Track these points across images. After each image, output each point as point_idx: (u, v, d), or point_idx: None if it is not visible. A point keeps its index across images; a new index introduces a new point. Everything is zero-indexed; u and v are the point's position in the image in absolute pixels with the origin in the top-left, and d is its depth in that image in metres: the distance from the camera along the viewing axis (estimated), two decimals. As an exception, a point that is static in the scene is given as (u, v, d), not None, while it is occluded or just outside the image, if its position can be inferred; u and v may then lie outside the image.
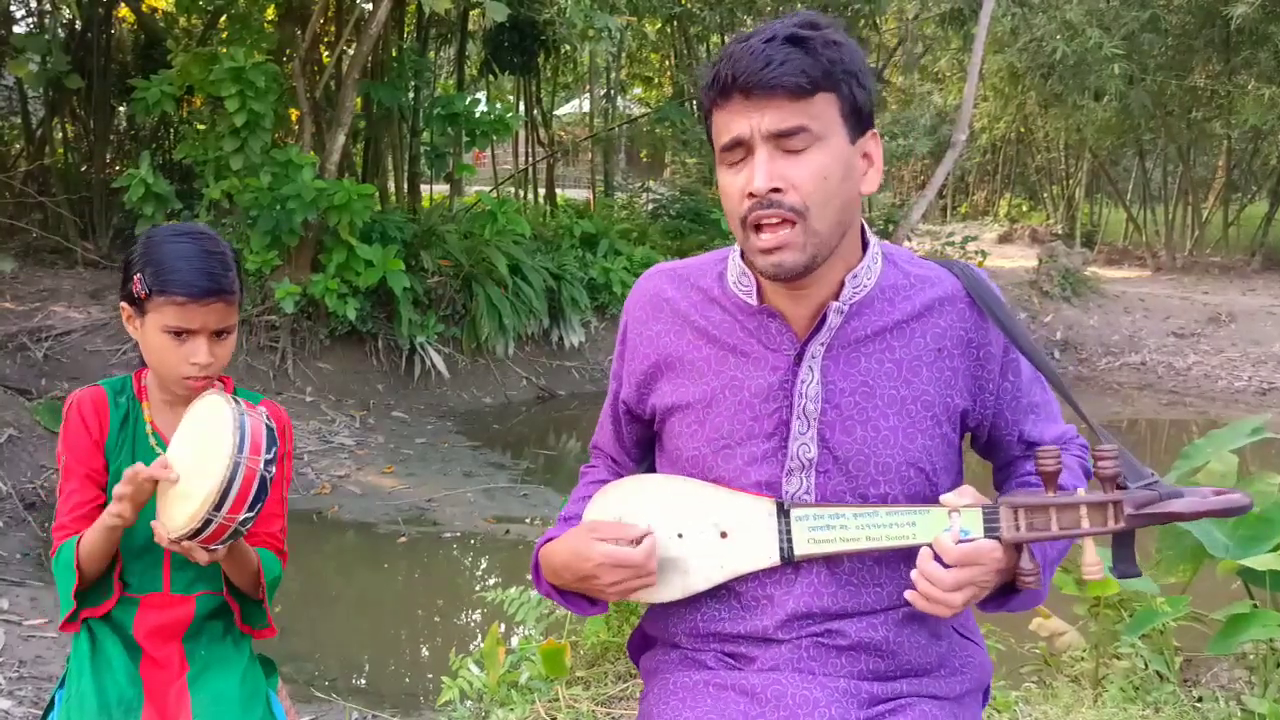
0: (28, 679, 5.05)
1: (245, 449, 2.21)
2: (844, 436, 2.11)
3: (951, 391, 2.15)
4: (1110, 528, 1.97)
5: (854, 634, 2.12)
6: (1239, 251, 21.78)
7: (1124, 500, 1.95)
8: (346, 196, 10.41)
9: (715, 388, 2.18)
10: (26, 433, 8.18)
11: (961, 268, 2.21)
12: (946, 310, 2.16)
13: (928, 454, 2.13)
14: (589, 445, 2.54)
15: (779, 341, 2.14)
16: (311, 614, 6.60)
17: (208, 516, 2.20)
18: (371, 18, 11.31)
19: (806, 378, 2.12)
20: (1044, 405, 2.26)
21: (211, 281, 2.41)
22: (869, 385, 2.12)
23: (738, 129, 1.97)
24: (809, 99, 1.94)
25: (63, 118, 14.65)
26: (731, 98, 1.97)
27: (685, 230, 16.56)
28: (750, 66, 1.92)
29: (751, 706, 2.07)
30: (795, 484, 2.13)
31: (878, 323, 2.13)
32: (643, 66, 23.83)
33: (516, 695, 4.30)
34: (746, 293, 2.17)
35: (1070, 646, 4.85)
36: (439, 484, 9.19)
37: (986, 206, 30.59)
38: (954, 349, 2.15)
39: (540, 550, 2.29)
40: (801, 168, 1.96)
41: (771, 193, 1.95)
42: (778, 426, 2.13)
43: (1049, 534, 1.98)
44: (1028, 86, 21.16)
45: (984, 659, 2.30)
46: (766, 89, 1.92)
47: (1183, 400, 14.06)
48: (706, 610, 2.22)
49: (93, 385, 2.60)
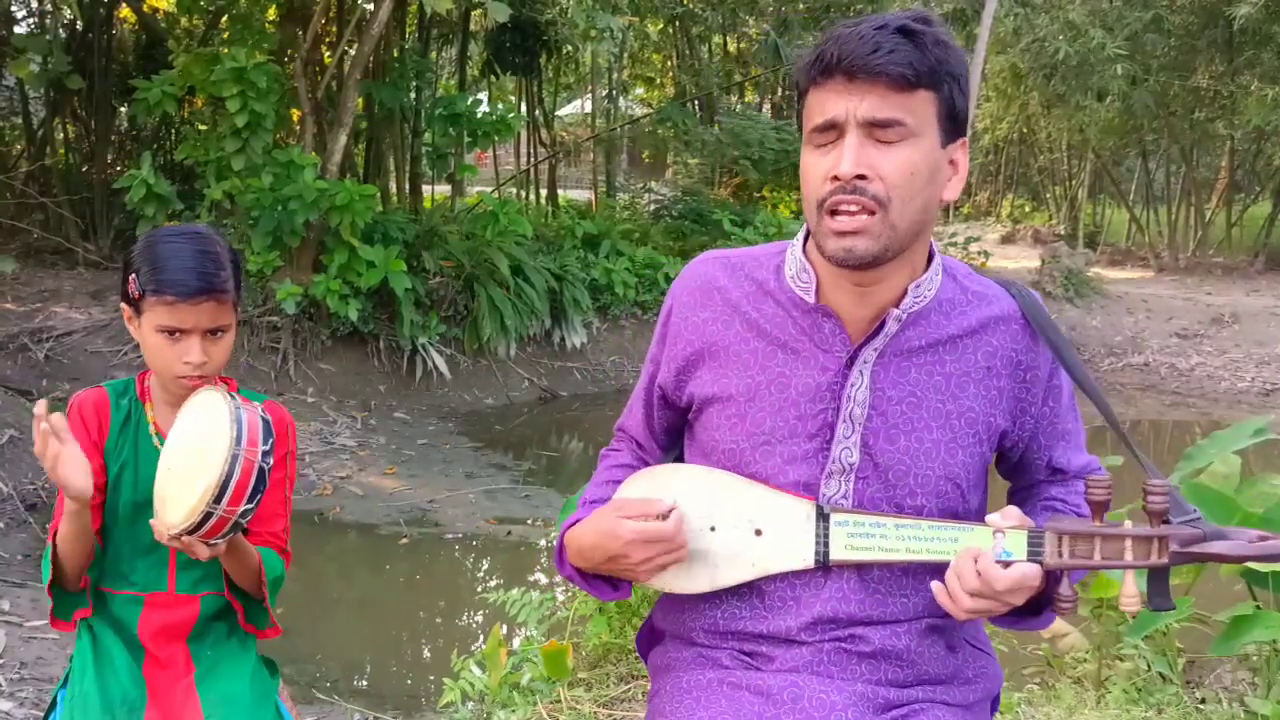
0: (28, 680, 5.05)
1: (243, 441, 2.21)
2: (887, 445, 2.10)
3: (995, 411, 2.14)
4: (1153, 562, 1.95)
5: (877, 641, 2.11)
6: (1242, 252, 21.79)
7: (1170, 536, 1.94)
8: (348, 197, 10.40)
9: (761, 382, 2.15)
10: (28, 434, 8.15)
11: (1019, 289, 2.20)
12: (1000, 330, 2.14)
13: (965, 470, 2.13)
14: (614, 427, 2.50)
15: (832, 342, 2.12)
16: (313, 615, 6.60)
17: (207, 510, 2.20)
18: (373, 18, 11.30)
19: (856, 381, 2.10)
20: (1075, 433, 2.26)
21: (202, 281, 2.41)
22: (916, 396, 2.11)
23: (833, 110, 1.94)
24: (910, 93, 1.92)
25: (64, 118, 14.64)
26: (833, 78, 1.93)
27: (687, 231, 16.56)
28: (858, 50, 1.89)
29: (767, 707, 2.06)
30: (834, 487, 2.11)
31: (932, 335, 2.12)
32: (645, 67, 23.85)
33: (518, 697, 4.30)
34: (804, 289, 2.14)
35: (1073, 648, 4.85)
36: (441, 485, 9.18)
37: (989, 207, 30.59)
38: (1003, 369, 2.14)
39: (566, 533, 2.27)
40: (890, 159, 1.93)
41: (857, 179, 1.92)
42: (821, 428, 2.11)
43: (1091, 563, 1.97)
44: (1030, 87, 21.16)
45: (995, 670, 2.30)
46: (870, 74, 1.90)
47: (1186, 401, 14.06)
48: (728, 608, 2.20)
49: (96, 387, 2.61)
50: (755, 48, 19.63)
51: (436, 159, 13.67)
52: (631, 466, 2.37)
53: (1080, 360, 2.18)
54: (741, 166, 17.62)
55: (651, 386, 2.37)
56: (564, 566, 2.30)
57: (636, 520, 2.10)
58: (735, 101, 22.01)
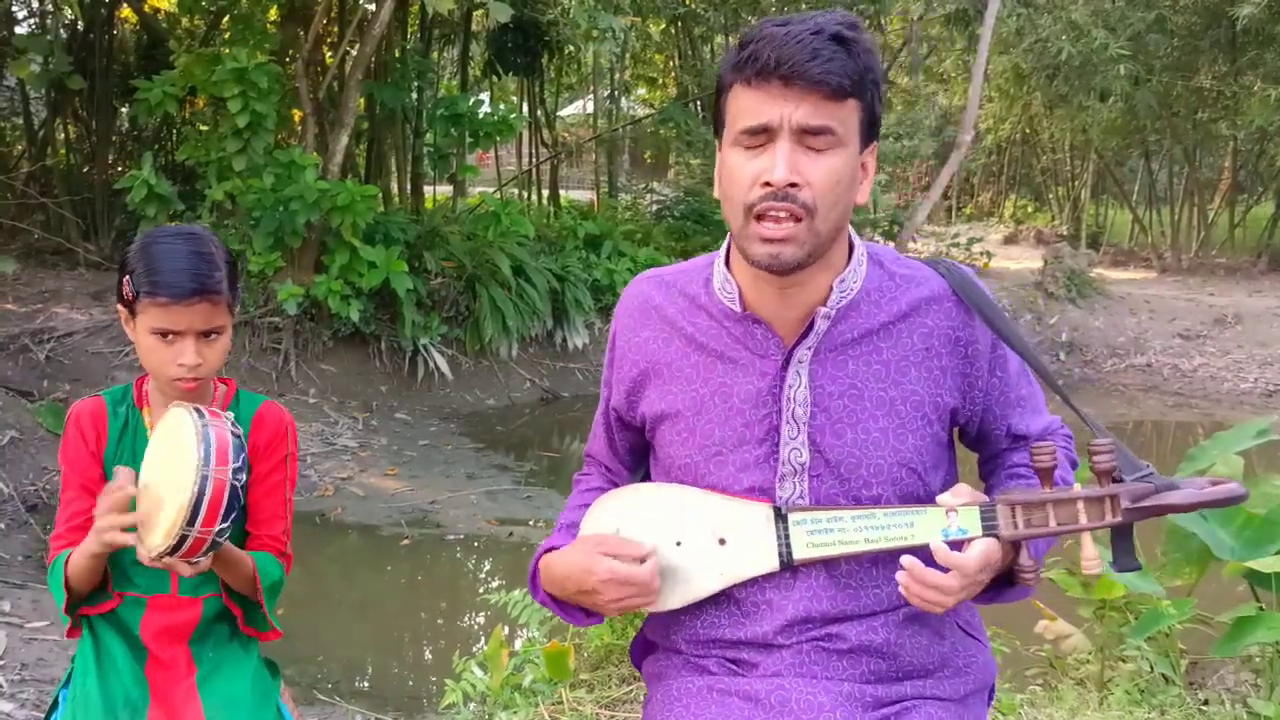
0: (29, 681, 5.04)
1: (211, 461, 2.18)
2: (834, 440, 2.11)
3: (941, 390, 2.15)
4: (1108, 522, 1.97)
5: (854, 637, 2.12)
6: (1245, 253, 21.76)
7: (1120, 494, 1.96)
8: (349, 197, 10.40)
9: (704, 394, 2.18)
10: (28, 434, 8.17)
11: (947, 266, 2.21)
12: (933, 309, 2.15)
13: (919, 453, 2.13)
14: (584, 453, 2.53)
15: (765, 347, 2.14)
16: (314, 616, 6.59)
17: (182, 532, 2.18)
18: (374, 18, 11.30)
19: (794, 382, 2.12)
20: (1030, 398, 2.27)
21: (195, 282, 2.38)
22: (857, 388, 2.12)
23: (768, 115, 1.94)
24: (841, 102, 1.94)
25: (65, 119, 14.65)
26: (769, 81, 1.93)
27: (689, 231, 16.54)
28: (797, 56, 1.90)
29: (756, 712, 2.06)
30: (789, 489, 2.13)
31: (864, 325, 2.13)
32: (647, 67, 23.81)
33: (520, 698, 4.30)
34: (730, 299, 2.17)
35: (1075, 649, 4.84)
36: (442, 486, 9.17)
37: (991, 208, 30.59)
38: (941, 348, 2.15)
39: (540, 560, 2.28)
40: (819, 167, 1.95)
41: (789, 186, 1.94)
42: (768, 432, 2.13)
43: (1047, 530, 1.99)
44: (1033, 87, 21.13)
45: (987, 658, 2.29)
46: (808, 82, 1.91)
47: (1188, 402, 14.04)
48: (706, 617, 2.21)
49: (94, 396, 2.59)
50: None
51: (438, 159, 13.66)
52: (602, 489, 2.40)
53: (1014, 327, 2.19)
54: (744, 167, 17.57)
55: (608, 410, 2.41)
56: (537, 592, 2.31)
57: (613, 560, 2.11)
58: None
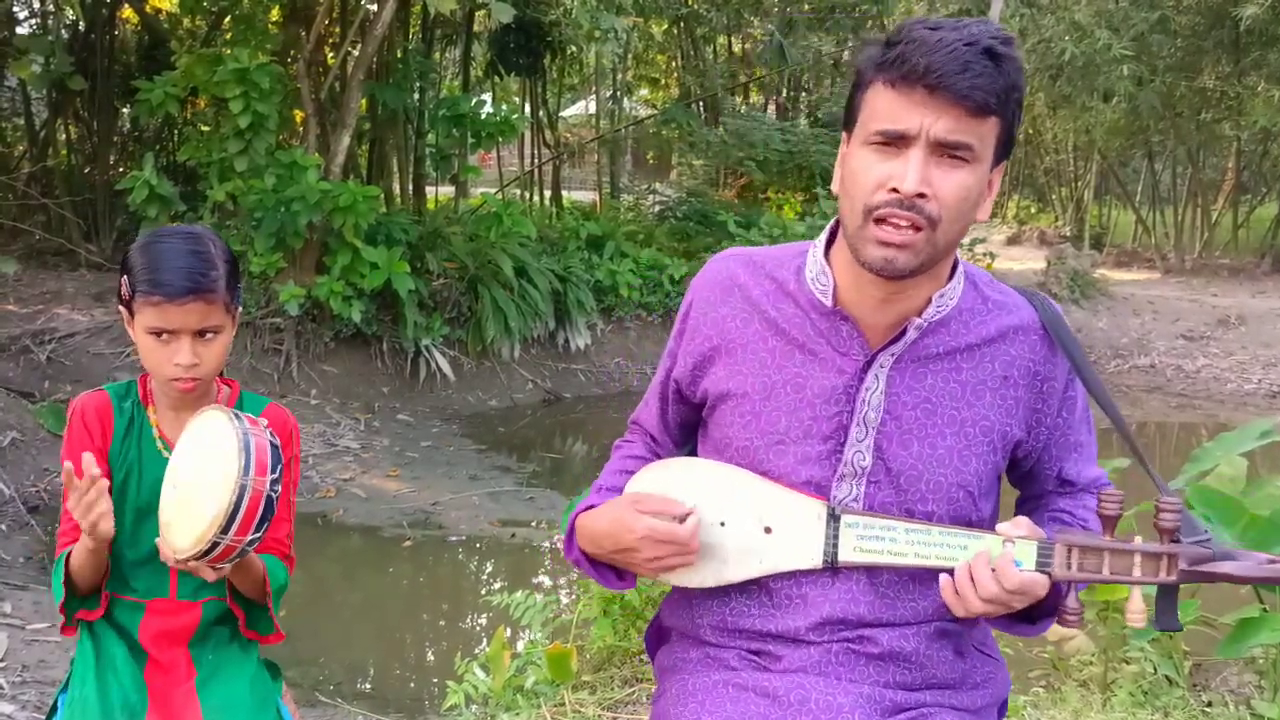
0: (30, 683, 5.04)
1: (251, 470, 2.18)
2: (900, 450, 2.10)
3: (1011, 421, 2.14)
4: (1161, 579, 1.95)
5: (886, 642, 2.11)
6: (1248, 253, 21.77)
7: (1179, 554, 1.93)
8: (351, 198, 10.39)
9: (777, 381, 2.15)
10: (30, 436, 8.16)
11: (1040, 300, 2.19)
12: (1019, 340, 2.14)
13: (978, 478, 2.12)
14: (629, 420, 2.49)
15: (849, 346, 2.12)
16: (316, 618, 6.58)
17: (215, 539, 2.18)
18: (376, 19, 11.29)
19: (872, 386, 2.10)
20: (1087, 445, 2.25)
21: (189, 281, 2.37)
22: (931, 403, 2.11)
23: (907, 122, 1.89)
24: (984, 119, 1.90)
25: (66, 119, 14.63)
26: (914, 87, 1.88)
27: (692, 232, 16.53)
28: (947, 66, 1.85)
29: (773, 709, 2.05)
30: (845, 490, 2.11)
31: (950, 343, 2.12)
32: (649, 68, 23.85)
33: (522, 700, 4.29)
34: (823, 292, 2.13)
35: (1079, 650, 4.83)
36: (444, 487, 9.16)
37: (995, 208, 30.33)
38: (1020, 379, 2.14)
39: (577, 517, 2.27)
40: (950, 181, 1.91)
41: (916, 197, 1.90)
42: (835, 430, 2.11)
43: (1099, 577, 1.97)
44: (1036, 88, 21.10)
45: (1003, 675, 2.31)
46: (956, 95, 1.86)
47: (1192, 403, 14.03)
48: (736, 604, 2.20)
49: (97, 390, 2.58)
50: (760, 49, 19.60)
51: (440, 160, 13.66)
52: (644, 459, 2.37)
53: (1096, 374, 2.17)
54: (746, 167, 17.63)
55: (667, 380, 2.36)
56: (571, 550, 2.29)
57: (653, 517, 2.10)
58: (740, 102, 22.00)
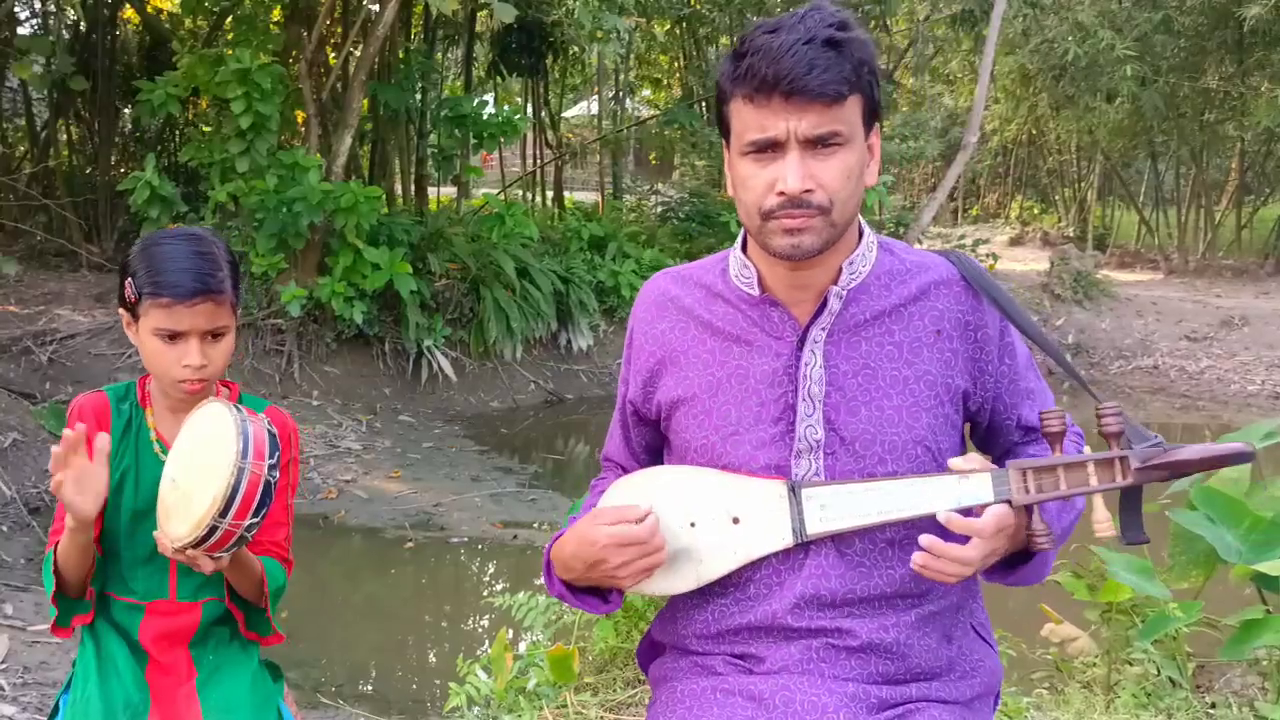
0: (32, 685, 5.04)
1: (249, 454, 2.20)
2: (849, 417, 2.14)
3: (952, 372, 2.18)
4: (1118, 483, 2.00)
5: (865, 634, 2.12)
6: (1252, 254, 21.75)
7: (1130, 455, 1.98)
8: (353, 199, 10.40)
9: (720, 377, 2.22)
10: (30, 437, 8.16)
11: (956, 255, 2.27)
12: (943, 293, 2.20)
13: (933, 432, 2.16)
14: (600, 457, 2.56)
15: (781, 329, 2.19)
16: (318, 619, 6.58)
17: (213, 523, 2.18)
18: (378, 19, 11.30)
19: (810, 360, 2.16)
20: (1040, 392, 2.29)
21: (198, 282, 2.38)
22: (871, 367, 2.16)
23: (774, 130, 1.99)
24: (843, 104, 1.98)
25: (67, 120, 14.67)
26: (771, 97, 1.97)
27: (694, 233, 16.53)
28: (794, 70, 1.93)
29: (759, 712, 2.06)
30: (804, 466, 2.15)
31: (876, 307, 2.18)
32: (651, 68, 23.83)
33: (524, 701, 4.28)
34: (748, 284, 2.21)
35: (1082, 652, 4.82)
36: (446, 489, 9.16)
37: (998, 209, 30.61)
38: (952, 330, 2.19)
39: (551, 548, 2.30)
40: (830, 168, 2.00)
41: (803, 193, 1.99)
42: (784, 410, 2.16)
43: (1058, 493, 2.01)
44: (1039, 88, 21.16)
45: (995, 663, 2.30)
46: (810, 95, 1.95)
47: (1195, 404, 14.03)
48: (715, 606, 2.22)
49: (96, 391, 2.58)
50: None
51: (442, 161, 13.68)
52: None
53: (1026, 314, 2.24)
54: (749, 168, 17.57)
55: (624, 407, 2.44)
56: (553, 585, 2.32)
57: (612, 525, 2.13)
58: (742, 103, 21.95)
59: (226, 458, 2.19)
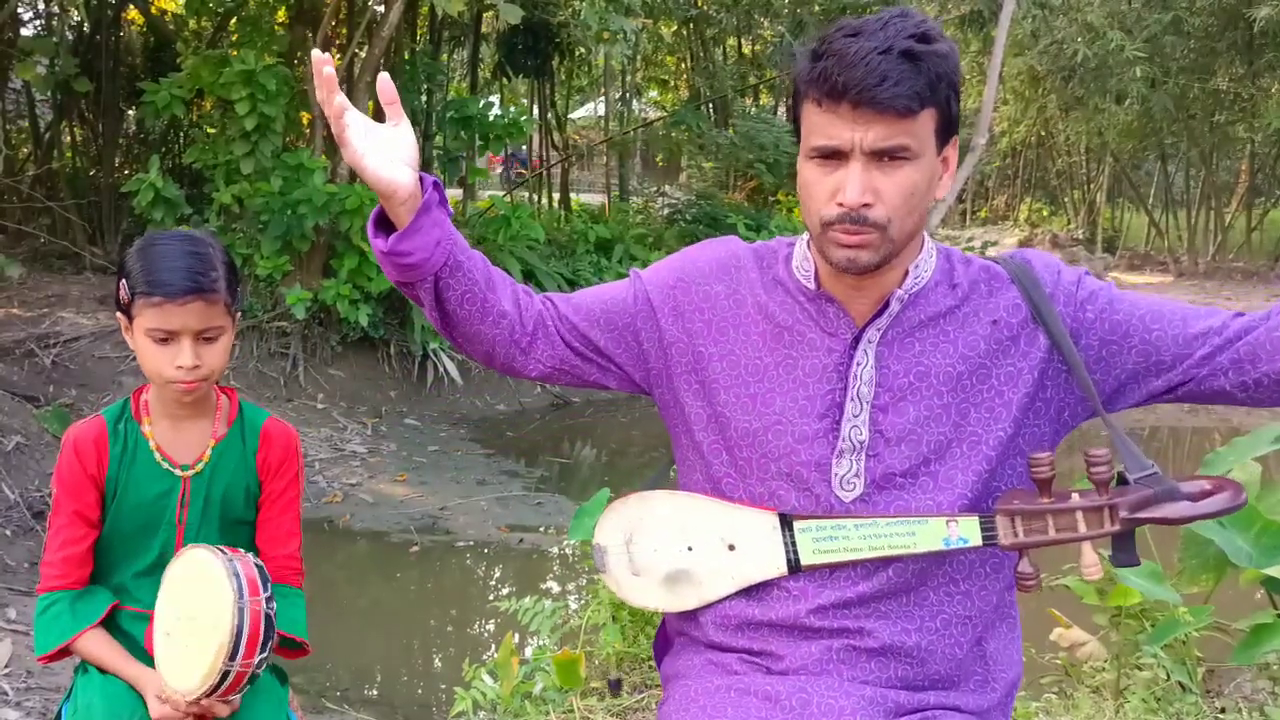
0: (35, 689, 5.02)
1: (245, 593, 2.24)
2: (896, 418, 2.11)
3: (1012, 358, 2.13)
4: (1106, 531, 2.02)
5: (886, 636, 2.11)
6: (1262, 256, 21.78)
7: (1119, 504, 2.00)
8: (358, 201, 10.37)
9: (769, 364, 2.19)
10: (34, 440, 8.13)
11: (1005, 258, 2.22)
12: (997, 289, 2.16)
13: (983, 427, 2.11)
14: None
15: (836, 325, 2.16)
16: (323, 624, 6.49)
17: (224, 669, 2.23)
18: (383, 20, 11.28)
19: (862, 361, 2.13)
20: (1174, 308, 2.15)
21: (189, 281, 2.38)
22: (924, 366, 2.12)
23: (839, 139, 1.96)
24: (914, 118, 1.94)
25: (71, 121, 14.64)
26: (839, 104, 1.93)
27: (701, 235, 16.47)
28: (865, 80, 1.89)
29: (774, 712, 2.05)
30: (845, 466, 2.13)
31: (932, 310, 2.14)
32: (658, 69, 23.87)
33: (530, 706, 4.31)
34: (806, 276, 2.18)
35: (1091, 657, 4.82)
36: (452, 492, 9.14)
37: (1007, 211, 30.64)
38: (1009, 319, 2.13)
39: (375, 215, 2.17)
40: (893, 182, 1.96)
41: (862, 207, 1.96)
42: (829, 408, 2.14)
43: (1046, 539, 2.04)
44: (1048, 89, 21.17)
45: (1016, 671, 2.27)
46: (879, 108, 1.91)
47: (1205, 408, 13.97)
48: (737, 598, 2.21)
49: (94, 416, 2.59)
50: (770, 50, 19.59)
51: (448, 162, 13.69)
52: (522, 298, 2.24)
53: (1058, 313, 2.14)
54: (756, 170, 17.63)
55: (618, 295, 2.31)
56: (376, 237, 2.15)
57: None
58: (750, 104, 21.98)
59: (225, 601, 2.23)
